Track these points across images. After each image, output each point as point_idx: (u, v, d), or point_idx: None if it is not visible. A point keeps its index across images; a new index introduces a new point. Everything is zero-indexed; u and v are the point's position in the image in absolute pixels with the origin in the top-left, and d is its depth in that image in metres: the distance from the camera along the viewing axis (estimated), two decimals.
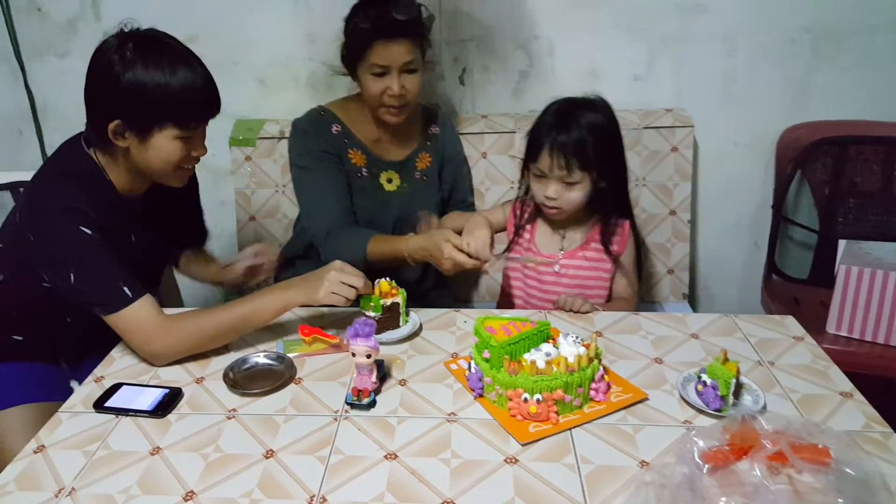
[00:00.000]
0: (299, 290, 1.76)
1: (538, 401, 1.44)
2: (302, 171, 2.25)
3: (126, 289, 1.67)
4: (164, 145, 1.70)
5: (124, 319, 1.68)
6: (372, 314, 1.80)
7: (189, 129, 1.71)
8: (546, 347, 1.52)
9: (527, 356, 1.50)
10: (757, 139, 2.75)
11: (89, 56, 2.68)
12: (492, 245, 1.91)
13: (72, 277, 1.67)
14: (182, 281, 2.40)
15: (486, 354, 1.52)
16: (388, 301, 1.82)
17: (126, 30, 1.72)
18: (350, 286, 1.74)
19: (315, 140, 2.22)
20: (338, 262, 1.79)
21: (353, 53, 2.13)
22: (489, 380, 1.50)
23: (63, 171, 1.78)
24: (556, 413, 1.45)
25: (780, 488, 1.12)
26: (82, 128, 2.17)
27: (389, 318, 1.84)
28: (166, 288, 2.32)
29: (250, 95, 2.80)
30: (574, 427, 1.44)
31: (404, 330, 1.84)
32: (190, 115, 1.70)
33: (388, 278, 1.87)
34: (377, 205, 2.30)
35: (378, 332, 1.80)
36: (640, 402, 1.51)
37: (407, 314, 1.88)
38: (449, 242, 1.89)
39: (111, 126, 1.67)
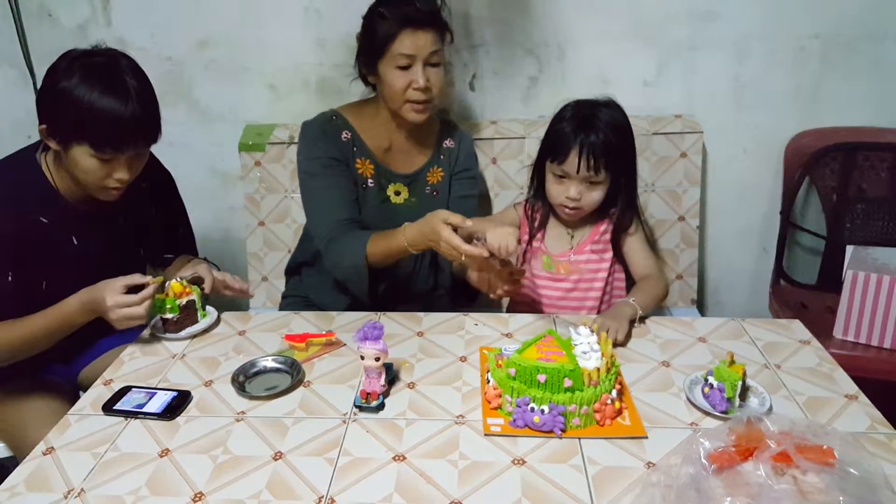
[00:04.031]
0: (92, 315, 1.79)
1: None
2: (308, 177, 2.19)
3: None
4: (81, 160, 1.72)
5: None
6: (169, 315, 1.86)
7: (104, 154, 1.72)
8: (578, 349, 1.50)
9: (583, 364, 1.47)
10: (766, 145, 2.75)
11: None
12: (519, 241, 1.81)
13: None
14: None
15: (568, 383, 1.44)
16: (184, 300, 1.87)
17: (100, 47, 1.78)
18: (134, 316, 1.75)
19: (323, 146, 2.17)
20: (109, 299, 1.72)
21: (376, 47, 2.06)
22: (573, 407, 1.44)
23: None
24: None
25: (785, 488, 1.13)
26: None
27: (188, 316, 1.90)
28: None
29: (260, 101, 2.81)
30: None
31: (203, 323, 1.92)
32: (106, 141, 1.70)
33: (180, 279, 1.91)
34: (382, 217, 2.21)
35: (178, 330, 1.88)
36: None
37: (204, 308, 1.94)
38: (446, 224, 1.79)
39: (40, 128, 1.73)
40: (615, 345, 1.72)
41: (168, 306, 1.85)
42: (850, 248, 2.26)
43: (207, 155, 2.89)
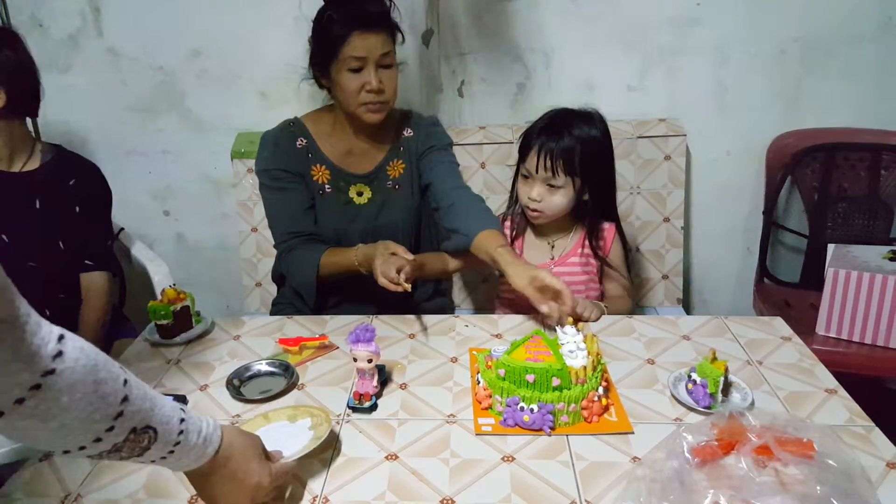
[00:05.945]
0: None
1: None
2: (261, 189, 2.25)
3: None
4: None
5: None
6: (164, 321, 1.88)
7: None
8: (565, 348, 1.53)
9: (570, 363, 1.50)
10: (748, 147, 2.78)
11: (92, 71, 2.73)
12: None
13: None
14: None
15: (556, 382, 1.47)
16: (178, 306, 1.90)
17: None
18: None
19: (275, 158, 2.19)
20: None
21: (328, 51, 2.05)
22: (561, 405, 1.47)
23: None
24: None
25: (766, 480, 1.16)
26: (85, 142, 2.24)
27: (182, 322, 1.92)
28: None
29: (252, 109, 2.83)
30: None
31: (198, 329, 1.94)
32: None
33: (173, 285, 1.96)
34: (344, 219, 2.23)
35: (172, 336, 1.89)
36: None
37: (198, 314, 1.97)
38: (389, 254, 1.89)
39: None
40: (586, 320, 1.89)
41: (162, 312, 1.87)
42: (831, 247, 2.29)
43: (200, 163, 2.91)
